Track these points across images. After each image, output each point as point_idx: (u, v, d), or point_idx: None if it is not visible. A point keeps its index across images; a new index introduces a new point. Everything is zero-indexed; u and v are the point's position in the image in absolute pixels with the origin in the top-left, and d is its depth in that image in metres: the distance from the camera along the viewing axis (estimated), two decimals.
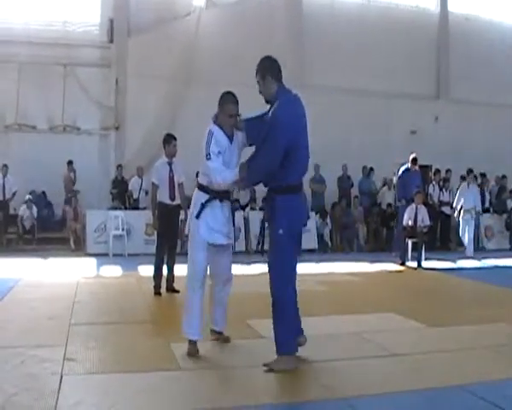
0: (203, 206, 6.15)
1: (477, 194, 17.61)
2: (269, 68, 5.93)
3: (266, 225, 8.78)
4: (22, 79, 18.80)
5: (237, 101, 6.07)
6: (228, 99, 6.12)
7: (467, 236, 16.99)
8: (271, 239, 6.00)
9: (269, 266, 5.99)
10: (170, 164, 10.09)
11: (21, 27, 19.02)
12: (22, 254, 15.28)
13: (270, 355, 6.05)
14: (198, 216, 6.19)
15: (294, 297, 5.97)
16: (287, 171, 5.70)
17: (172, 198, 10.11)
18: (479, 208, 17.35)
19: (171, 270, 10.26)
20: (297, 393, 5.21)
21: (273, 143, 5.67)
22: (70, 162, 18.40)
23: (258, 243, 17.18)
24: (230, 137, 6.17)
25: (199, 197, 6.25)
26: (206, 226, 6.18)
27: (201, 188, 6.25)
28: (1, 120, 19.05)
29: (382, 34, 21.41)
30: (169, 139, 10.17)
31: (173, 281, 10.26)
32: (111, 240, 16.09)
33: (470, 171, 17.77)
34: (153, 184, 10.31)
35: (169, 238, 10.39)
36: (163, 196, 10.10)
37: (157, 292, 10.04)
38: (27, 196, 17.34)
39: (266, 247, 8.51)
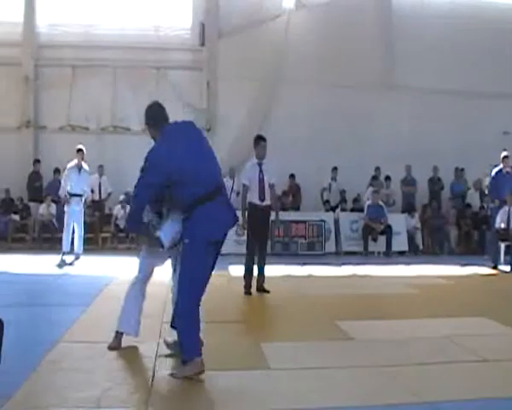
0: None
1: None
2: (150, 118, 6.31)
3: None
4: (117, 83, 19.40)
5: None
6: None
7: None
8: (182, 251, 5.82)
9: (178, 277, 5.87)
10: (260, 165, 10.23)
11: (116, 33, 19.64)
12: (116, 253, 15.70)
13: (359, 357, 6.08)
14: None
15: (198, 309, 5.75)
16: (191, 188, 5.68)
17: (262, 199, 10.22)
18: None
19: (261, 270, 10.36)
20: (383, 396, 5.15)
21: (143, 183, 5.98)
22: None
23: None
24: None
25: None
26: None
27: None
28: (97, 122, 19.71)
29: (474, 33, 20.82)
30: (258, 140, 10.30)
31: (264, 281, 10.36)
32: None
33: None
34: (243, 185, 10.48)
35: (260, 239, 10.48)
36: (253, 197, 10.24)
37: (247, 292, 10.16)
38: (121, 197, 17.81)
39: None
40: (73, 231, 14.54)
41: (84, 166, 14.61)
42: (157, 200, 6.09)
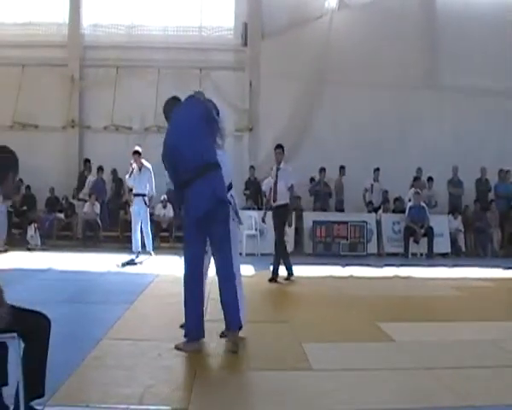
0: None
1: None
2: (164, 113, 7.08)
3: None
4: (160, 83, 19.55)
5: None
6: None
7: None
8: None
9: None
10: (277, 170, 11.70)
11: (160, 33, 19.90)
12: (159, 252, 15.71)
13: (402, 359, 6.05)
14: None
15: (197, 285, 6.72)
16: (178, 172, 6.55)
17: (274, 200, 11.67)
18: None
19: (276, 268, 11.65)
20: (428, 398, 5.08)
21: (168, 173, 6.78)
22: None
23: None
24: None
25: None
26: None
27: None
28: (141, 122, 19.91)
29: None
30: (275, 148, 11.85)
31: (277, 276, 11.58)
32: (244, 239, 16.36)
33: None
34: (264, 192, 12.53)
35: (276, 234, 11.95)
36: (270, 198, 11.95)
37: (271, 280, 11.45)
38: (163, 196, 17.94)
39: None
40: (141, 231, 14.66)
41: (146, 164, 14.66)
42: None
